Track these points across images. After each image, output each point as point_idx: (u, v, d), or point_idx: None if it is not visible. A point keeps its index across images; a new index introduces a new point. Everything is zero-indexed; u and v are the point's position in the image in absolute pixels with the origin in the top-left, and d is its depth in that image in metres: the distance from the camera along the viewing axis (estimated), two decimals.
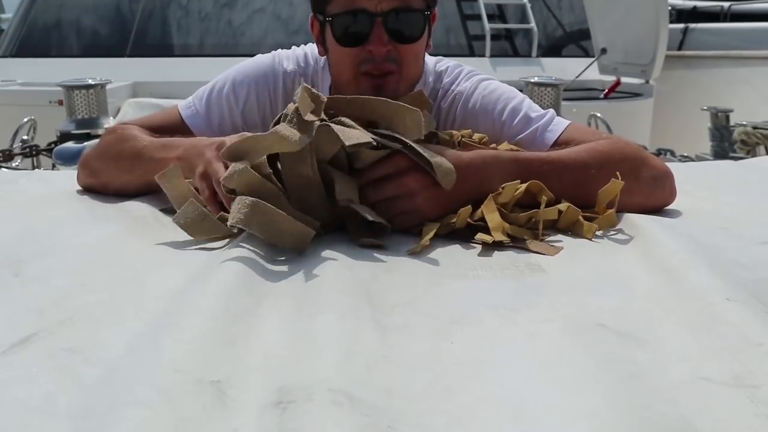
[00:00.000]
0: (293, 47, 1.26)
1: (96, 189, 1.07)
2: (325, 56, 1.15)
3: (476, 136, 1.05)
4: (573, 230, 0.85)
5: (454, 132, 1.04)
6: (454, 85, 1.19)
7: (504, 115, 1.10)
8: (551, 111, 1.12)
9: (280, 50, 1.25)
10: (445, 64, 1.22)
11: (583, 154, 0.92)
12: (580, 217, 0.85)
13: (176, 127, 1.13)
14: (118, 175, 1.04)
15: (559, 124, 1.08)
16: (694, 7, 6.47)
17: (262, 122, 1.20)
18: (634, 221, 0.87)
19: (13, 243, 0.80)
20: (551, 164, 0.89)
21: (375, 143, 0.81)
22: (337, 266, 0.71)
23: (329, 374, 0.48)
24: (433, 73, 1.20)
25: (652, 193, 0.95)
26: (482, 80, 1.18)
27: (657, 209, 0.95)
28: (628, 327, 0.57)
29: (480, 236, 0.79)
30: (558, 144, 1.05)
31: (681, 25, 5.65)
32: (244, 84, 1.17)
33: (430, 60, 1.22)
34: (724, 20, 6.15)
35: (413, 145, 0.84)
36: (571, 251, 0.78)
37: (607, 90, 4.29)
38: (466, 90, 1.16)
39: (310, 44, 1.23)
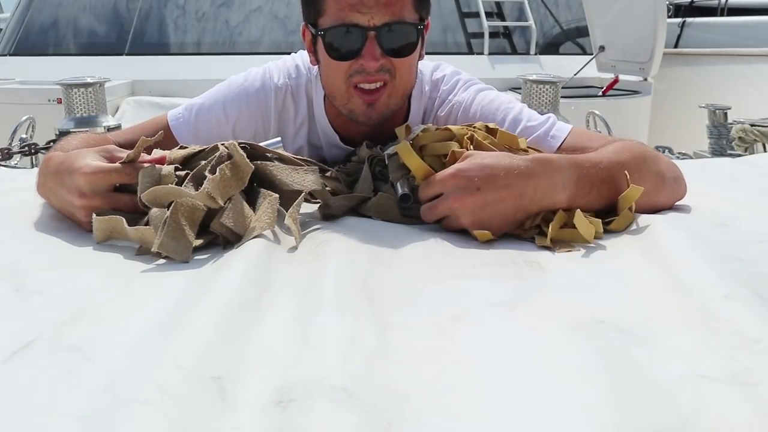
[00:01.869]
0: (285, 58, 1.25)
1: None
2: (316, 66, 1.15)
3: (479, 124, 1.01)
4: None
5: (461, 128, 0.99)
6: (451, 95, 1.18)
7: (505, 126, 1.10)
8: (552, 116, 1.12)
9: (271, 63, 1.24)
10: (442, 71, 1.22)
11: (625, 156, 0.90)
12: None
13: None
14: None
15: (562, 129, 1.08)
16: (692, 2, 6.47)
17: (254, 137, 1.20)
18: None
19: (12, 246, 0.80)
20: (604, 170, 0.87)
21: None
22: (337, 263, 0.72)
23: (329, 371, 0.48)
24: (430, 82, 1.20)
25: (674, 193, 0.96)
26: (480, 90, 1.18)
27: (671, 207, 0.96)
28: (627, 324, 0.58)
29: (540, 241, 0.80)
30: (563, 149, 1.05)
31: (678, 20, 5.66)
32: (235, 103, 1.17)
33: (426, 68, 1.21)
34: (721, 14, 6.15)
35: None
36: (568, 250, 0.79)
37: (605, 87, 4.29)
38: (464, 100, 1.16)
39: (302, 52, 1.23)
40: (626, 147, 0.93)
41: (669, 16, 4.92)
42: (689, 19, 5.62)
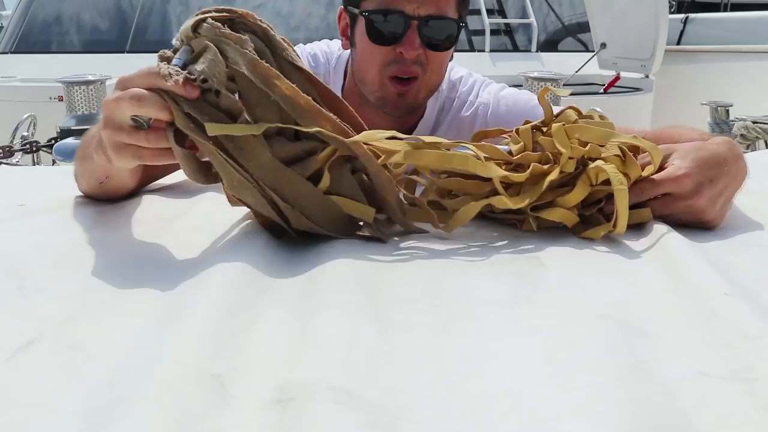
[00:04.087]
0: (304, 46, 1.25)
1: (89, 195, 0.98)
2: (348, 50, 1.15)
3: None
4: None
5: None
6: (472, 96, 1.20)
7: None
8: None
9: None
10: (458, 72, 1.24)
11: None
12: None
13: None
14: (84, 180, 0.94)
15: None
16: None
17: None
18: None
19: (14, 244, 0.80)
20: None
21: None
22: (337, 262, 0.72)
23: (329, 371, 0.48)
24: (447, 81, 1.21)
25: None
26: (500, 90, 1.20)
27: None
28: (628, 322, 0.58)
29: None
30: None
31: (681, 16, 5.64)
32: None
33: None
34: (724, 10, 6.14)
35: None
36: (570, 247, 0.79)
37: (606, 85, 4.28)
38: (489, 102, 1.18)
39: (320, 42, 1.23)
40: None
41: (671, 12, 4.91)
42: (692, 15, 5.60)
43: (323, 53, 1.21)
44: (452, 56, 1.14)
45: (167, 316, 0.57)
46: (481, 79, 1.23)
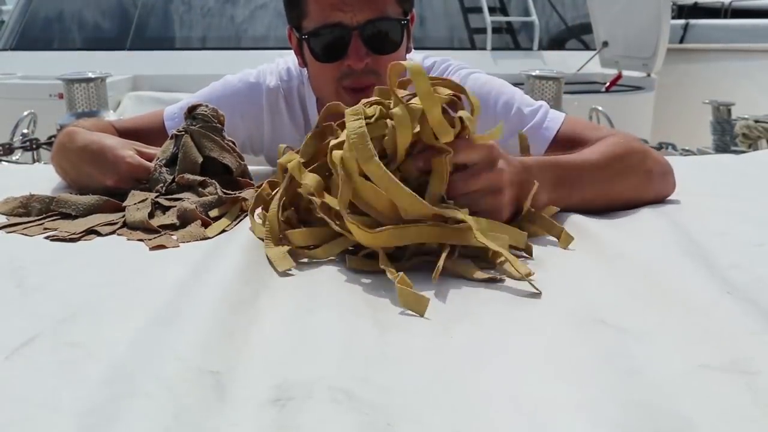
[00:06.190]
0: (278, 61, 1.25)
1: (69, 185, 1.04)
2: (305, 68, 1.14)
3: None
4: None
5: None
6: None
7: (497, 109, 1.09)
8: (544, 105, 1.10)
9: (264, 65, 1.25)
10: (432, 59, 1.22)
11: (602, 160, 0.89)
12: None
13: (155, 133, 1.13)
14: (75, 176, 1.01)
15: (556, 119, 1.07)
16: (695, 3, 6.44)
17: (250, 139, 1.20)
18: (631, 219, 0.87)
19: (13, 242, 0.80)
20: (582, 169, 0.87)
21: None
22: (336, 262, 0.71)
23: (328, 371, 0.48)
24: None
25: (663, 189, 0.96)
26: (471, 73, 1.17)
27: (661, 201, 0.96)
28: (628, 320, 0.58)
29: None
30: (557, 139, 1.04)
31: (682, 21, 5.63)
32: (229, 104, 1.16)
33: (417, 57, 1.21)
34: (725, 16, 6.12)
35: None
36: (567, 250, 0.78)
37: (608, 83, 4.27)
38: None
39: (293, 54, 1.23)
40: (615, 148, 0.92)
41: (672, 17, 4.89)
42: (692, 21, 5.58)
43: (295, 66, 1.21)
44: (410, 49, 1.12)
45: (166, 315, 0.57)
46: (456, 64, 1.19)
